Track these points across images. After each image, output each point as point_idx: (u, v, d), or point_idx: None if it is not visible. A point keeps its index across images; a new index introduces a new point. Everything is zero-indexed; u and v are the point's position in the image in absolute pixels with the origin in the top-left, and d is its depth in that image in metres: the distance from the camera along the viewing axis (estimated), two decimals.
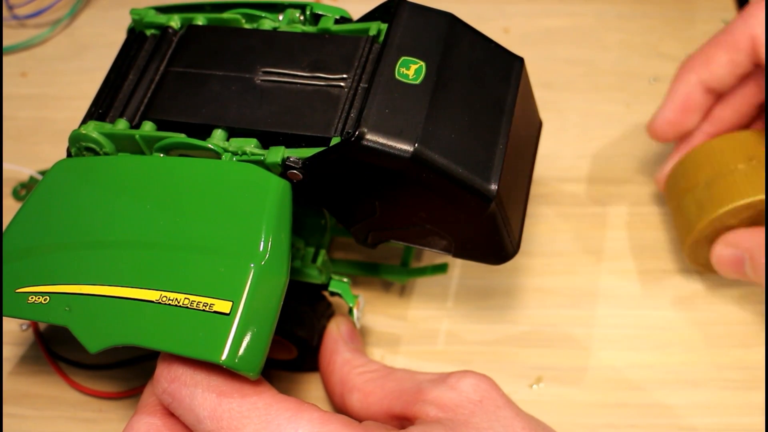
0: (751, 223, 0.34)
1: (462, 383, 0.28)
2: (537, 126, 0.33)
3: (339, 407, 0.32)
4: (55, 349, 0.37)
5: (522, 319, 0.37)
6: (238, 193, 0.26)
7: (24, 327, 0.37)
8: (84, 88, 0.44)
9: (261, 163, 0.27)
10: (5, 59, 0.48)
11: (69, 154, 0.30)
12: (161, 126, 0.29)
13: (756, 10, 0.33)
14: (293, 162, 0.27)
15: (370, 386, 0.30)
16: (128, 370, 0.36)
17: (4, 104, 0.46)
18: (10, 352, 0.37)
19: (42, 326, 0.37)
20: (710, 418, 0.34)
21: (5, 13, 0.50)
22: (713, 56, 0.34)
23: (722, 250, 0.35)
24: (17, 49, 0.49)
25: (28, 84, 0.47)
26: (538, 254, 0.39)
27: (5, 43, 0.49)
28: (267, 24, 0.31)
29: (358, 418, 0.30)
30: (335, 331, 0.33)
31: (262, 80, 0.29)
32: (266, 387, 0.26)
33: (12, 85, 0.47)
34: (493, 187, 0.26)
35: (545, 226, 0.40)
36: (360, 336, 0.34)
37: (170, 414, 0.26)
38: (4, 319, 0.38)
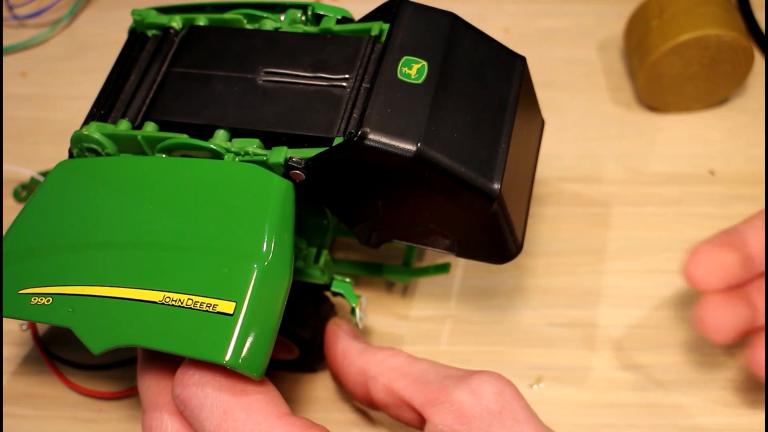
0: (679, 59, 0.40)
1: (484, 388, 0.27)
2: (539, 125, 0.33)
3: (362, 397, 0.31)
4: (55, 350, 0.37)
5: (523, 319, 0.37)
6: (240, 193, 0.26)
7: (24, 327, 0.37)
8: (84, 88, 0.44)
9: (263, 164, 0.27)
10: (5, 59, 0.48)
11: (71, 155, 0.30)
12: (163, 127, 0.29)
13: None
14: (296, 162, 0.27)
15: (394, 374, 0.29)
16: (128, 369, 0.36)
17: (4, 104, 0.46)
18: (10, 353, 0.37)
19: (41, 327, 0.37)
20: (710, 418, 0.34)
21: (5, 13, 0.50)
22: None
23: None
24: (17, 49, 0.49)
25: (28, 84, 0.47)
26: (540, 254, 0.39)
27: (5, 43, 0.49)
28: (269, 24, 0.31)
29: (383, 407, 0.30)
30: (337, 329, 0.33)
31: (264, 81, 0.29)
32: (275, 406, 0.25)
33: (12, 85, 0.47)
34: (496, 186, 0.26)
35: (546, 226, 0.40)
36: (360, 335, 0.34)
37: None
38: (5, 319, 0.38)
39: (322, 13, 0.32)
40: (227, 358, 0.23)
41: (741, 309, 0.31)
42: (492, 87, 0.28)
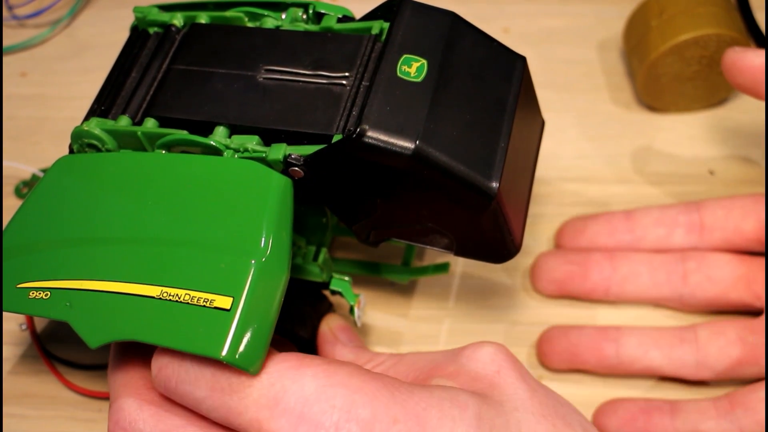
0: (679, 59, 0.40)
1: (478, 354, 0.27)
2: (539, 125, 0.33)
3: None
4: (54, 350, 0.37)
5: (523, 319, 0.37)
6: (239, 189, 0.26)
7: (23, 327, 0.37)
8: (84, 88, 0.44)
9: (263, 160, 0.27)
10: (5, 59, 0.48)
11: (71, 151, 0.30)
12: (163, 123, 0.29)
13: None
14: (295, 159, 0.27)
15: None
16: None
17: (4, 104, 0.46)
18: (9, 352, 0.37)
19: (40, 327, 0.37)
20: None
21: (5, 13, 0.50)
22: None
23: None
24: (17, 49, 0.49)
25: (28, 84, 0.47)
26: (539, 253, 0.39)
27: (5, 43, 0.49)
28: (270, 22, 0.31)
29: None
30: (329, 333, 0.33)
31: (264, 78, 0.29)
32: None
33: (12, 85, 0.47)
34: (495, 185, 0.26)
35: (546, 226, 0.40)
36: (356, 331, 0.34)
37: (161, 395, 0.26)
38: (4, 318, 0.38)
39: (323, 11, 0.32)
40: (224, 353, 0.23)
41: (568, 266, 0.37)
42: (492, 86, 0.28)
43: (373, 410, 0.23)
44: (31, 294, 0.26)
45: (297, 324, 0.32)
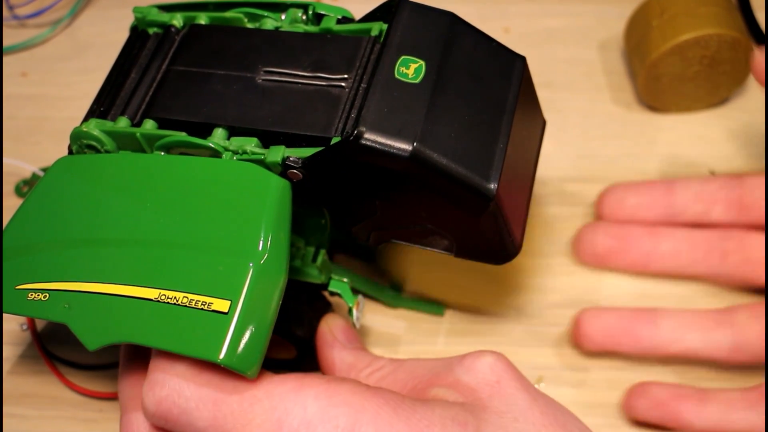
0: (680, 59, 0.40)
1: (478, 364, 0.27)
2: (540, 125, 0.33)
3: None
4: (54, 350, 0.37)
5: (522, 319, 0.37)
6: (238, 192, 0.26)
7: (24, 327, 0.37)
8: (84, 88, 0.44)
9: (261, 163, 0.27)
10: (5, 59, 0.48)
11: (70, 152, 0.30)
12: (162, 124, 0.29)
13: None
14: (293, 161, 0.27)
15: (381, 385, 0.28)
16: None
17: (4, 104, 0.46)
18: (9, 352, 0.37)
19: (40, 327, 0.37)
20: None
21: (5, 13, 0.50)
22: None
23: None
24: (17, 49, 0.49)
25: (28, 84, 0.47)
26: (539, 254, 0.39)
27: (5, 43, 0.49)
28: (269, 23, 0.31)
29: None
30: (328, 334, 0.32)
31: (263, 80, 0.29)
32: (262, 374, 0.25)
33: (12, 85, 0.47)
34: (493, 186, 0.26)
35: (546, 226, 0.40)
36: (355, 331, 0.34)
37: None
38: (4, 318, 0.38)
39: (322, 12, 0.31)
40: (221, 356, 0.23)
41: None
42: (491, 87, 0.28)
43: (377, 428, 0.23)
44: (30, 295, 0.26)
45: (295, 324, 0.32)
